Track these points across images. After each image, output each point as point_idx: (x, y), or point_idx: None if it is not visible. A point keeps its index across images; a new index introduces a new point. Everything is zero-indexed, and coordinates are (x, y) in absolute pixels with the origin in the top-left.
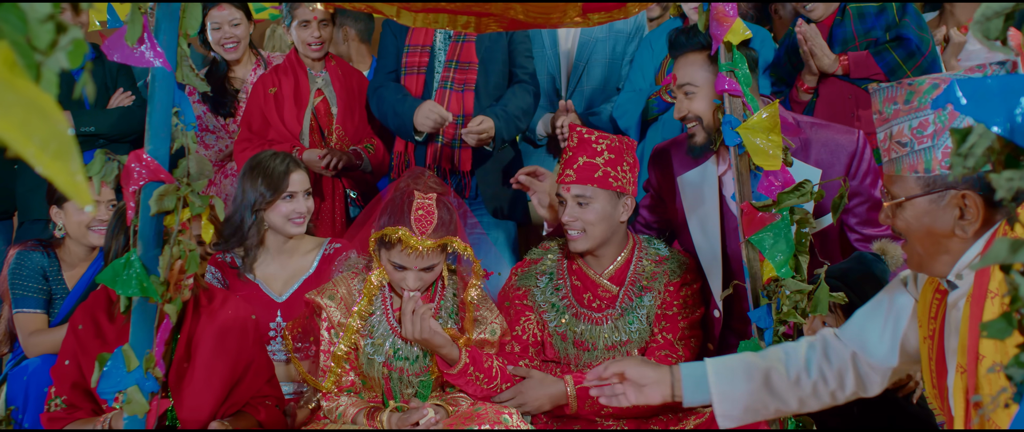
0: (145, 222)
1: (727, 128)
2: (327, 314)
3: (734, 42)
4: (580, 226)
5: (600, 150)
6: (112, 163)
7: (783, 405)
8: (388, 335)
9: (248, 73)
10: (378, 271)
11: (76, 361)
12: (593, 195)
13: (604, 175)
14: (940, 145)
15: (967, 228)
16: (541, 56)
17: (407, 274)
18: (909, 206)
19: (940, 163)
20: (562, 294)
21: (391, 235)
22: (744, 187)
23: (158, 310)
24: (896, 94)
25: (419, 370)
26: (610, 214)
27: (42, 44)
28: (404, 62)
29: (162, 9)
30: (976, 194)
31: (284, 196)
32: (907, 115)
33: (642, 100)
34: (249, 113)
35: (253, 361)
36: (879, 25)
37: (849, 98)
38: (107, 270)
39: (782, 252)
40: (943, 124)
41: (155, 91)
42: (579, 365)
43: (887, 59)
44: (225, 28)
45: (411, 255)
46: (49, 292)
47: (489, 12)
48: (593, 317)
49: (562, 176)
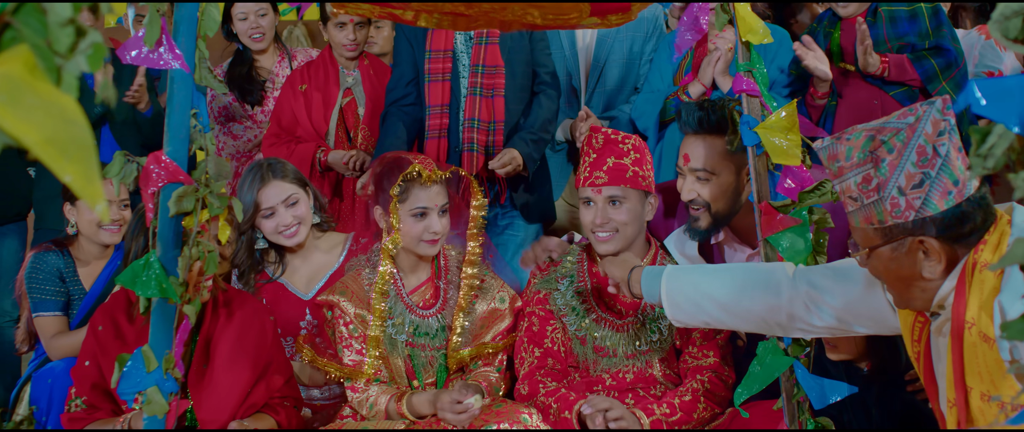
0: (164, 223)
1: (745, 128)
2: (342, 309)
3: (753, 42)
4: (613, 227)
5: (627, 150)
6: (132, 165)
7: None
8: (405, 313)
9: (274, 64)
10: (391, 238)
11: (96, 362)
12: (625, 195)
13: (634, 175)
14: (886, 197)
15: (933, 269)
16: (559, 55)
17: (429, 217)
18: (875, 256)
19: (891, 214)
20: (583, 298)
21: (409, 173)
22: (762, 187)
23: (177, 311)
24: (837, 150)
25: (439, 344)
26: (640, 213)
27: (62, 47)
28: (427, 69)
29: (180, 11)
30: (932, 238)
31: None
32: (851, 171)
33: (660, 101)
34: (279, 109)
35: (272, 361)
36: (912, 32)
37: (875, 103)
38: (127, 271)
39: (800, 253)
40: (884, 176)
41: (173, 93)
42: (597, 370)
43: (926, 66)
44: (252, 18)
45: (430, 190)
46: (67, 293)
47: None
48: (614, 323)
49: (591, 178)
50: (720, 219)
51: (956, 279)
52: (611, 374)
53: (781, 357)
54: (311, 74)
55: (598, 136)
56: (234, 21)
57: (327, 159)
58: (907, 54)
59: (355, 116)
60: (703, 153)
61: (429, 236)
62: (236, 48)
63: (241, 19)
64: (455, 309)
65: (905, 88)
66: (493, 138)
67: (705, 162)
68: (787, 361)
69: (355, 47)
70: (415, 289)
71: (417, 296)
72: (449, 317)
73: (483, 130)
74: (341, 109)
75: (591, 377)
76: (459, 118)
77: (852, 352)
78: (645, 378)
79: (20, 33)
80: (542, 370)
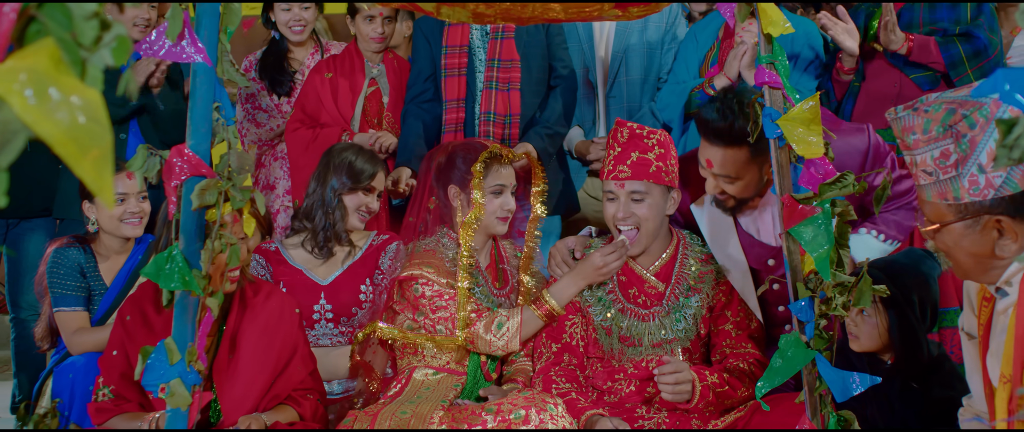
0: (187, 216)
1: (767, 120)
2: (427, 277)
3: (774, 34)
4: (635, 221)
5: (651, 145)
6: (154, 158)
7: None
8: (486, 285)
9: (306, 57)
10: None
11: (124, 351)
12: (648, 190)
13: (657, 170)
14: (965, 173)
15: (1007, 248)
16: (576, 49)
17: (504, 195)
18: (945, 231)
19: (968, 191)
20: (608, 289)
21: (493, 151)
22: (784, 180)
23: (200, 304)
24: (913, 123)
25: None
26: (662, 208)
27: (87, 40)
28: (443, 64)
29: (203, 5)
30: (1010, 217)
31: (364, 188)
32: (928, 145)
33: (685, 93)
34: (304, 95)
35: (296, 353)
36: (949, 18)
37: (894, 85)
38: (150, 264)
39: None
40: (965, 152)
41: (196, 86)
42: (623, 360)
43: (952, 52)
44: (296, 10)
45: (506, 169)
46: (88, 289)
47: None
48: (640, 313)
49: (614, 172)
50: (743, 201)
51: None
52: (634, 363)
53: (803, 350)
54: (337, 64)
55: (623, 130)
56: (275, 10)
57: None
58: (936, 37)
59: (379, 104)
60: (725, 160)
61: (503, 213)
62: (272, 37)
63: (284, 9)
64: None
65: (928, 73)
66: (509, 131)
67: (728, 169)
68: (809, 354)
69: (382, 40)
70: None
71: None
72: (515, 301)
73: (499, 124)
74: (365, 98)
75: (613, 367)
76: (475, 112)
77: (876, 344)
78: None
79: (45, 26)
80: (557, 367)
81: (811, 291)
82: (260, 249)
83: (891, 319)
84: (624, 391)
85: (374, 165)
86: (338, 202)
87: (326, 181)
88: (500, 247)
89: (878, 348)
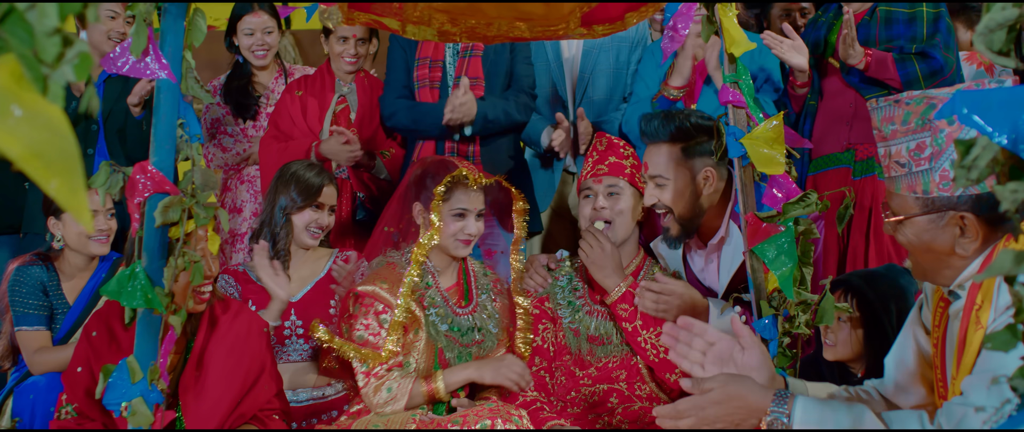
0: (150, 233)
1: (731, 140)
2: (378, 298)
3: (737, 54)
4: (609, 214)
5: (626, 155)
6: (117, 174)
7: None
8: (443, 305)
9: (271, 80)
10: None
11: (89, 368)
12: (623, 188)
13: (631, 174)
14: (937, 168)
15: (967, 246)
16: (544, 67)
17: (467, 220)
18: (909, 224)
19: (938, 186)
20: (579, 294)
21: (456, 175)
22: (748, 198)
23: (163, 321)
24: (893, 113)
25: (468, 343)
26: (633, 209)
27: (49, 57)
28: (415, 76)
29: (167, 21)
30: (974, 215)
31: (313, 205)
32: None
33: (646, 108)
34: (277, 113)
35: (263, 372)
36: (905, 35)
37: (850, 105)
38: (112, 282)
39: (785, 263)
40: (940, 147)
41: (160, 103)
42: (594, 359)
43: (908, 70)
44: (258, 35)
45: (473, 193)
46: (50, 307)
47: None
48: (606, 314)
49: (593, 171)
50: (686, 224)
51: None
52: (598, 367)
53: None
54: (308, 83)
55: (603, 140)
56: (238, 35)
57: (320, 150)
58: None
59: (347, 121)
60: (656, 160)
61: (464, 236)
62: (235, 60)
63: (247, 34)
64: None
65: (883, 92)
66: (473, 148)
67: (660, 169)
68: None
69: (356, 61)
70: (447, 289)
71: (450, 294)
72: (479, 319)
73: (464, 140)
74: (334, 114)
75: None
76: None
77: (850, 353)
78: (630, 367)
79: (6, 42)
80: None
81: (774, 309)
82: (228, 270)
83: (867, 327)
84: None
85: (322, 178)
86: (285, 221)
87: (275, 200)
88: (469, 265)
89: (851, 357)
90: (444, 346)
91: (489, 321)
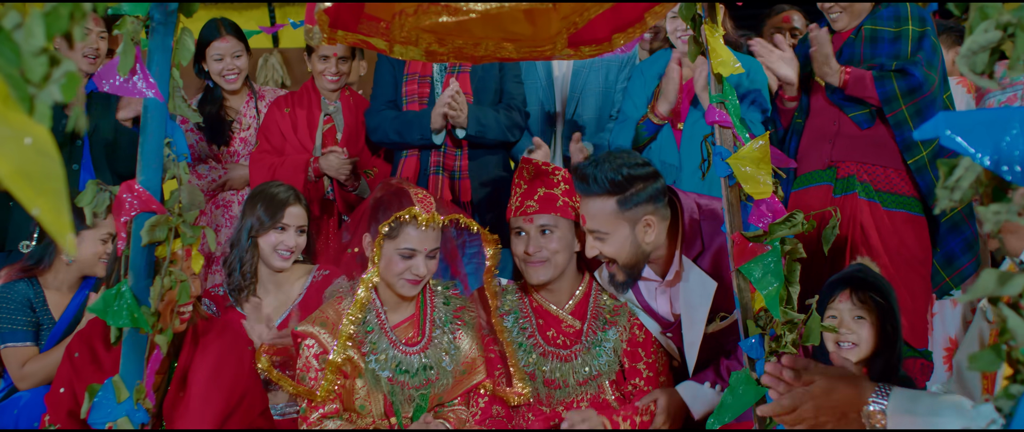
0: (136, 252)
1: (718, 159)
2: (316, 340)
3: (724, 74)
4: (545, 255)
5: (557, 181)
6: (104, 194)
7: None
8: (389, 348)
9: (242, 104)
10: (372, 270)
11: (71, 389)
12: (556, 223)
13: (564, 204)
14: None
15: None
16: (535, 86)
17: (415, 260)
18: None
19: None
20: (528, 333)
21: (403, 216)
22: (734, 218)
23: (149, 341)
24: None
25: (419, 384)
26: (570, 242)
27: (36, 77)
28: (404, 91)
29: (155, 40)
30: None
31: (277, 227)
32: None
33: (632, 127)
34: (266, 128)
35: (248, 392)
36: (889, 53)
37: (833, 123)
38: (98, 300)
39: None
40: None
41: (147, 121)
42: (552, 403)
43: (887, 88)
44: (227, 59)
45: (423, 232)
46: (37, 324)
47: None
48: (561, 354)
49: (522, 208)
50: (631, 270)
51: None
52: (565, 405)
53: (753, 387)
54: (295, 99)
55: (529, 167)
56: (207, 60)
57: (320, 165)
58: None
59: (334, 140)
60: (593, 213)
61: (411, 276)
62: (206, 86)
63: (216, 59)
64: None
65: (865, 110)
66: (460, 163)
67: (598, 222)
68: (760, 391)
69: (338, 78)
70: (398, 324)
71: (400, 332)
72: (432, 356)
73: (450, 155)
74: (322, 134)
75: (546, 414)
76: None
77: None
78: (599, 404)
79: None
80: (488, 420)
81: (761, 328)
82: (209, 294)
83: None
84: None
85: (289, 195)
86: (251, 243)
87: (243, 223)
88: (427, 296)
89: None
90: (387, 392)
91: (445, 357)
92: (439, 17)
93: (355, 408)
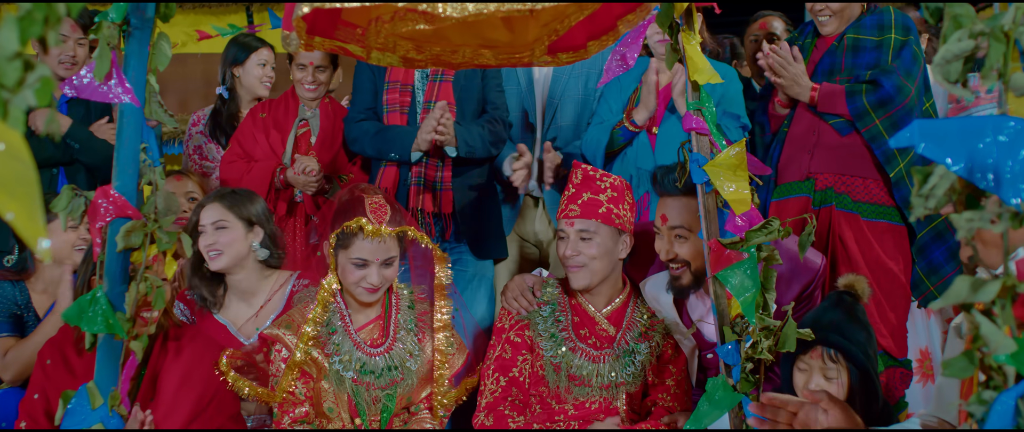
0: (112, 258)
1: (695, 166)
2: (283, 344)
3: (701, 82)
4: (582, 261)
5: (603, 187)
6: (79, 199)
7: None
8: (353, 350)
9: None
10: (331, 276)
11: (44, 395)
12: (596, 230)
13: (607, 212)
14: None
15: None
16: (515, 91)
17: (369, 270)
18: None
19: None
20: (562, 326)
21: (351, 227)
22: (711, 225)
23: (124, 347)
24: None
25: (385, 384)
26: (611, 250)
27: (10, 82)
28: (385, 100)
29: (131, 45)
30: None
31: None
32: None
33: (608, 131)
34: (240, 133)
35: (217, 398)
36: (869, 62)
37: (813, 133)
38: (72, 307)
39: (748, 289)
40: None
41: (123, 127)
42: (569, 398)
43: (857, 103)
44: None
45: (373, 243)
46: (22, 321)
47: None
48: (591, 354)
49: (565, 211)
50: (701, 276)
51: None
52: (576, 405)
53: (730, 394)
54: (272, 107)
55: (578, 172)
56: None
57: (287, 176)
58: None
59: (307, 144)
60: (679, 212)
61: (367, 285)
62: (219, 96)
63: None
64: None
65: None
66: (441, 174)
67: (684, 218)
68: (736, 398)
69: (315, 88)
70: (363, 326)
71: (365, 334)
72: (396, 358)
73: (432, 165)
74: (296, 137)
75: (553, 408)
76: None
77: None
78: (609, 411)
79: None
80: (507, 402)
81: (737, 335)
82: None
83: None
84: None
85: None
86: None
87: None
88: (392, 298)
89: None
90: (351, 393)
91: (409, 359)
92: (416, 24)
93: (325, 412)
